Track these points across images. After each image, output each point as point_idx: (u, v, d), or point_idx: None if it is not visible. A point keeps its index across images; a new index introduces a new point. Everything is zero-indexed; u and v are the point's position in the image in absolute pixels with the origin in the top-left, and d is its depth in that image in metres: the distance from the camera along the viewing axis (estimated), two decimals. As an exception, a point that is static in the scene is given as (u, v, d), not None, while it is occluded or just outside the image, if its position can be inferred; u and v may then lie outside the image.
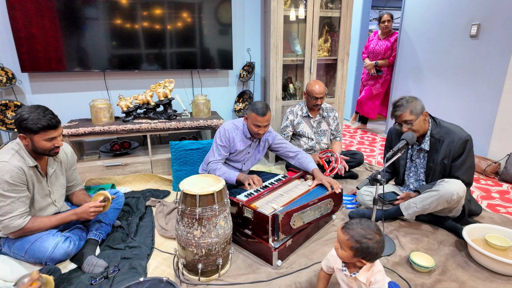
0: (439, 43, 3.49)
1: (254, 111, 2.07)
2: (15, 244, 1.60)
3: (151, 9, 2.84)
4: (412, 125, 1.94)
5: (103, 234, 1.88)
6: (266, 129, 2.16)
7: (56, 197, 1.78)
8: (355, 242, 1.20)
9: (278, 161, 3.36)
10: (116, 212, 2.01)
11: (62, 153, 1.82)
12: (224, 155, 2.21)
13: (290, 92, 3.47)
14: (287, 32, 3.34)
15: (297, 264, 1.71)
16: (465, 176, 1.93)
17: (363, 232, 1.21)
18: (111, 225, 1.96)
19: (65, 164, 1.84)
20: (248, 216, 1.73)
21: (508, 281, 1.59)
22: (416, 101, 1.94)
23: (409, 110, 1.92)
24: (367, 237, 1.20)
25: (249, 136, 2.23)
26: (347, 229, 1.24)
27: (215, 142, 2.21)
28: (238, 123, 2.25)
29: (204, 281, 1.59)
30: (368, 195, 2.22)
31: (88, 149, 3.11)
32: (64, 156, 1.83)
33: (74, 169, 1.93)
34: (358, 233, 1.21)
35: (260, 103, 2.09)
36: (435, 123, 2.02)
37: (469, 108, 3.22)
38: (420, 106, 1.93)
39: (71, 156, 1.89)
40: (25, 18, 2.54)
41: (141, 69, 2.97)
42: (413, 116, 1.92)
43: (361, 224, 1.24)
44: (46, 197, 1.73)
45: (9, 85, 2.62)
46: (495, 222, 2.11)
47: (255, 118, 2.08)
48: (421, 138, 2.04)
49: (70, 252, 1.65)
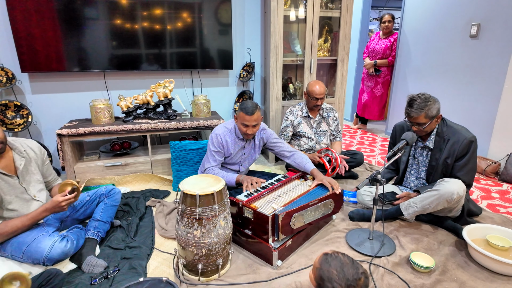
0: (439, 43, 3.49)
1: (242, 110, 2.06)
2: (12, 247, 1.59)
3: (151, 9, 2.84)
4: (424, 127, 1.91)
5: (101, 233, 1.87)
6: (255, 130, 2.12)
7: (34, 192, 1.73)
8: (319, 277, 1.06)
9: (278, 161, 3.36)
10: (113, 209, 1.98)
11: (28, 149, 1.76)
12: (219, 160, 2.20)
13: (290, 92, 3.47)
14: (287, 32, 3.34)
15: (297, 264, 1.71)
16: (466, 177, 1.93)
17: (334, 275, 1.03)
18: (109, 223, 1.95)
19: (35, 159, 1.78)
20: (248, 216, 1.73)
21: (508, 281, 1.59)
22: (434, 103, 1.86)
23: (425, 114, 1.86)
24: (332, 283, 1.02)
25: (241, 137, 2.21)
26: (325, 260, 1.09)
27: (208, 148, 2.20)
28: (229, 125, 2.23)
29: (204, 281, 1.59)
30: (368, 195, 2.22)
31: (88, 149, 3.11)
32: (31, 152, 1.77)
33: (47, 164, 1.87)
34: (328, 273, 1.04)
35: (250, 103, 2.08)
36: (442, 123, 2.01)
37: (469, 108, 3.22)
38: (436, 109, 1.87)
39: (39, 151, 1.82)
40: (25, 18, 2.54)
41: (141, 69, 2.97)
42: (427, 120, 1.88)
43: (343, 266, 1.05)
44: (23, 195, 1.68)
45: (9, 85, 2.62)
46: (495, 222, 2.11)
47: (243, 117, 2.07)
48: (426, 136, 2.04)
49: (68, 251, 1.64)
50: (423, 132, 1.96)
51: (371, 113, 4.48)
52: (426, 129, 1.93)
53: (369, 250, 1.80)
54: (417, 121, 1.91)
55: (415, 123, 1.92)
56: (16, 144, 1.71)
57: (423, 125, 1.90)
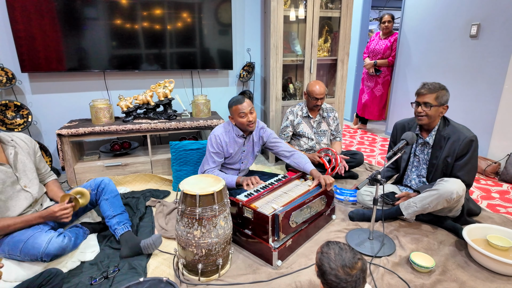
0: (439, 43, 3.49)
1: (233, 104, 2.10)
2: (9, 246, 1.58)
3: (151, 9, 2.84)
4: (429, 110, 1.91)
5: (127, 222, 1.87)
6: (254, 116, 2.12)
7: (25, 182, 1.71)
8: (318, 259, 1.15)
9: (278, 161, 3.36)
10: (117, 198, 1.94)
11: (16, 138, 1.76)
12: (218, 161, 2.20)
13: (290, 92, 3.47)
14: (287, 32, 3.34)
15: (297, 264, 1.71)
16: (466, 177, 1.93)
17: (331, 257, 1.12)
18: (125, 211, 1.93)
19: (25, 149, 1.77)
20: (248, 216, 1.73)
21: (508, 281, 1.59)
22: (446, 92, 1.91)
23: (436, 95, 1.89)
24: (329, 264, 1.11)
25: (241, 134, 2.21)
26: (326, 244, 1.18)
27: (207, 150, 2.20)
28: (227, 125, 2.24)
29: (204, 281, 1.59)
30: (368, 195, 2.22)
31: (88, 149, 3.11)
32: (21, 142, 1.76)
33: (39, 156, 1.86)
34: (327, 254, 1.13)
35: (235, 96, 2.13)
36: (444, 121, 2.01)
37: (469, 108, 3.22)
38: (446, 98, 1.91)
39: (30, 141, 1.81)
40: (25, 18, 2.54)
41: (141, 69, 2.97)
42: (436, 102, 1.89)
43: (341, 250, 1.14)
44: (14, 184, 1.66)
45: (9, 85, 2.62)
46: (495, 222, 2.11)
47: (237, 109, 2.08)
48: (426, 132, 2.04)
49: (66, 246, 1.63)
50: (425, 118, 1.94)
51: (371, 113, 4.49)
52: (430, 112, 1.91)
53: (369, 250, 1.81)
54: (425, 99, 1.91)
55: (422, 102, 1.92)
56: (2, 135, 1.70)
57: (429, 105, 1.90)
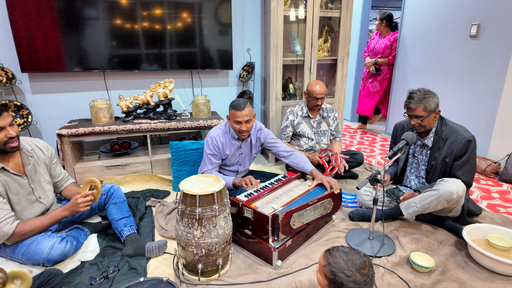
0: (439, 43, 3.49)
1: (232, 107, 2.06)
2: (11, 248, 1.58)
3: (151, 9, 2.84)
4: (421, 121, 1.92)
5: (133, 225, 1.89)
6: (249, 126, 2.08)
7: (40, 194, 1.71)
8: (329, 272, 1.08)
9: (278, 161, 3.36)
10: (124, 204, 1.95)
11: (36, 148, 1.75)
12: (216, 163, 2.19)
13: (290, 92, 3.47)
14: (287, 32, 3.34)
15: (297, 264, 1.71)
16: (465, 177, 1.93)
17: (343, 265, 1.07)
18: (131, 215, 1.94)
19: (43, 159, 1.76)
20: (248, 216, 1.73)
21: (508, 281, 1.59)
22: (433, 97, 1.89)
23: (423, 106, 1.88)
24: (344, 272, 1.05)
25: (237, 137, 2.19)
26: (329, 254, 1.12)
27: (204, 152, 2.19)
28: (224, 126, 2.23)
29: (204, 281, 1.59)
30: (368, 195, 2.22)
31: (88, 149, 3.11)
32: (39, 152, 1.75)
33: (55, 163, 1.85)
34: (337, 264, 1.07)
35: (240, 99, 2.07)
36: (441, 122, 2.01)
37: (469, 108, 3.22)
38: (435, 103, 1.89)
39: (47, 150, 1.80)
40: (25, 18, 2.54)
41: (141, 69, 2.97)
42: (425, 113, 1.89)
43: (347, 255, 1.10)
44: (29, 196, 1.66)
45: (9, 85, 2.62)
46: (495, 222, 2.11)
47: (234, 114, 2.05)
48: (425, 134, 2.04)
49: (67, 252, 1.64)
50: (421, 128, 1.96)
51: (361, 108, 4.48)
52: (423, 123, 1.93)
53: (369, 250, 1.81)
54: (415, 113, 1.91)
55: (413, 116, 1.93)
56: (24, 143, 1.69)
57: (420, 117, 1.90)
